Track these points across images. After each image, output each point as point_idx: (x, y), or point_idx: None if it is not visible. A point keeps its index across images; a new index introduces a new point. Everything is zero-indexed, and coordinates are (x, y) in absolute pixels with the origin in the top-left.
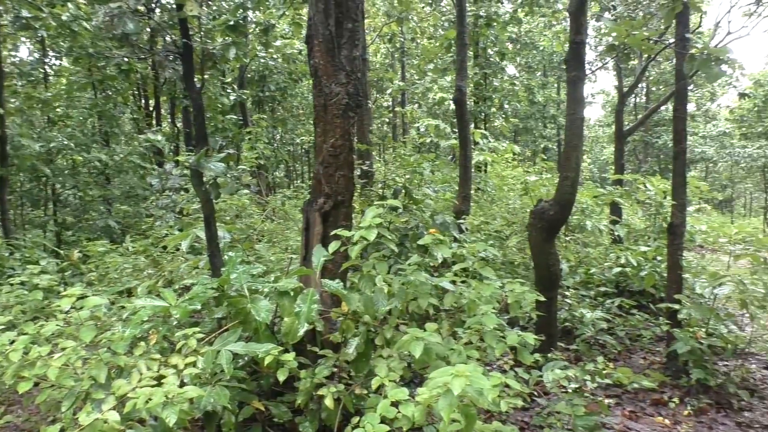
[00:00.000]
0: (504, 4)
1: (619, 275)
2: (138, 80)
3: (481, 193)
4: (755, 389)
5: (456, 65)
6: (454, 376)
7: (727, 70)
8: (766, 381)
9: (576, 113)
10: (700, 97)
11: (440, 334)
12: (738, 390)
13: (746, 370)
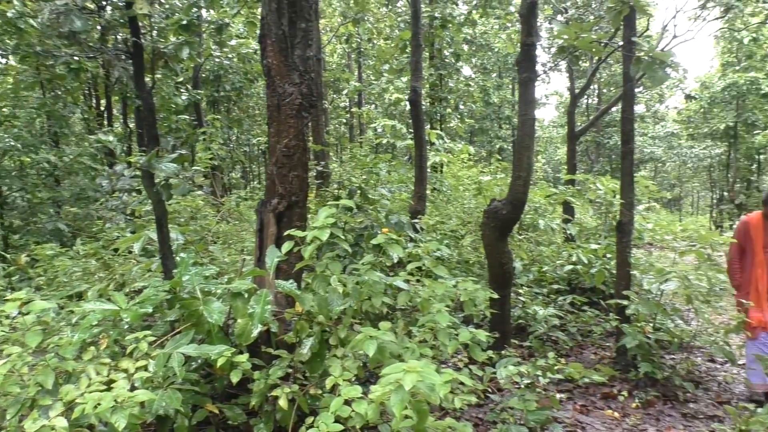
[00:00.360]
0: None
1: (571, 273)
2: (88, 79)
3: (437, 193)
4: (700, 381)
5: (411, 66)
6: (405, 372)
7: (671, 73)
8: (710, 373)
9: (528, 114)
10: (649, 99)
11: (395, 333)
12: (683, 382)
13: (691, 362)
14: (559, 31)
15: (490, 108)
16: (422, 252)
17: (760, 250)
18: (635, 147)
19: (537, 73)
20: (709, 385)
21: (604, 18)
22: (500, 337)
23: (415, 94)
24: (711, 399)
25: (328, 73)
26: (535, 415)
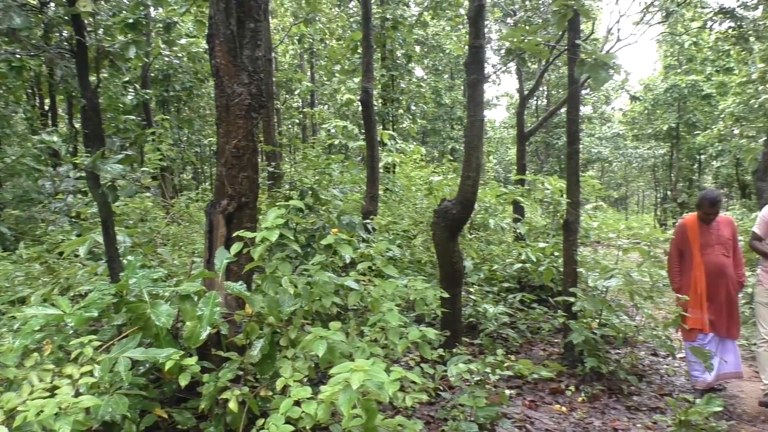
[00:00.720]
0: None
1: (521, 271)
2: (31, 78)
3: (390, 193)
4: (643, 374)
5: (362, 67)
6: (353, 371)
7: (614, 74)
8: (653, 366)
9: (476, 115)
10: (596, 101)
11: (347, 333)
12: (628, 376)
13: (635, 356)
14: (506, 33)
15: (442, 109)
16: (374, 252)
17: (698, 252)
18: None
19: (485, 75)
20: (651, 378)
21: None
22: (451, 336)
23: (366, 94)
24: (653, 391)
25: (280, 73)
26: (485, 412)
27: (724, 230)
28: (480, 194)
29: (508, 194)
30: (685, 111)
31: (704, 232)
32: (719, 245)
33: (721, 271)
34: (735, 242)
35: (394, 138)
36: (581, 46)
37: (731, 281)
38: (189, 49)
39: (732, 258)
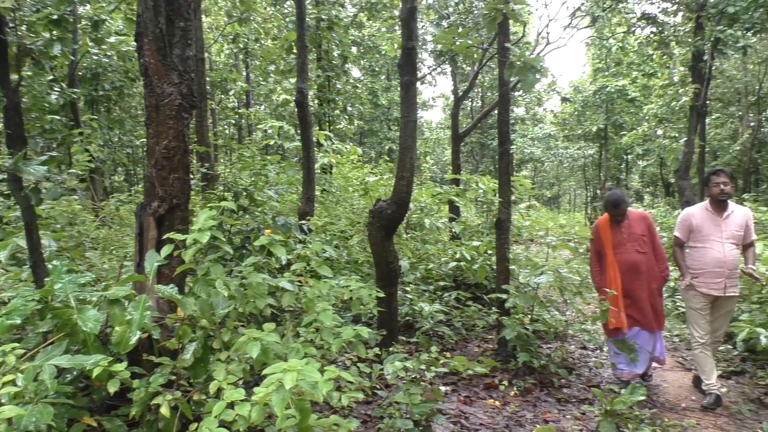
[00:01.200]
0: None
1: (456, 269)
2: None
3: (327, 194)
4: (573, 367)
5: (297, 67)
6: (285, 371)
7: (541, 78)
8: (582, 359)
9: (409, 116)
10: (529, 102)
11: (284, 334)
12: (558, 369)
13: (565, 350)
14: (439, 36)
15: (378, 110)
16: (310, 253)
17: (610, 252)
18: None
19: (418, 77)
20: (581, 370)
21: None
22: (388, 335)
23: (301, 95)
24: (582, 383)
25: (214, 73)
26: (420, 408)
27: (636, 227)
28: (416, 194)
29: (443, 194)
30: (613, 113)
31: (615, 232)
32: (632, 243)
33: (636, 268)
34: (653, 237)
35: (330, 139)
36: (510, 49)
37: (650, 277)
38: (118, 47)
39: (649, 253)
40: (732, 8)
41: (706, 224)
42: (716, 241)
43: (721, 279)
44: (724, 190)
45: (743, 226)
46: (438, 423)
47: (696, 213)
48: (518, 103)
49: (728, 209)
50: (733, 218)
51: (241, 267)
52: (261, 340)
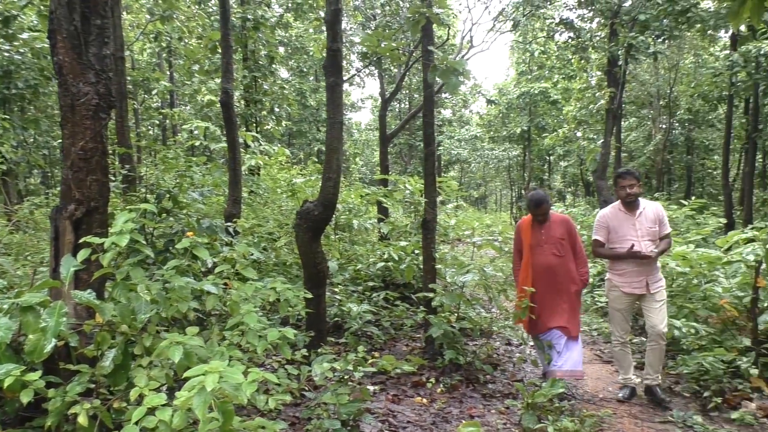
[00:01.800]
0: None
1: (384, 269)
2: None
3: (255, 196)
4: (498, 363)
5: (222, 67)
6: (206, 373)
7: (464, 80)
8: (506, 355)
9: (335, 117)
10: (455, 104)
11: (210, 337)
12: (483, 365)
13: (491, 347)
14: (363, 38)
15: (307, 111)
16: (237, 255)
17: (528, 252)
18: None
19: (345, 78)
20: (506, 366)
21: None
22: (316, 336)
23: (226, 95)
24: (507, 378)
25: (136, 72)
26: (348, 408)
27: (556, 230)
28: (344, 195)
29: (371, 195)
30: (536, 115)
31: (535, 232)
32: (549, 245)
33: (550, 270)
34: (573, 241)
35: (257, 140)
36: (434, 52)
37: (566, 280)
38: (32, 44)
39: (567, 257)
40: (643, 16)
41: (622, 225)
42: (633, 240)
43: (642, 277)
44: (631, 193)
45: (656, 222)
46: (366, 422)
47: (610, 214)
48: (445, 105)
49: (640, 207)
50: (645, 215)
51: (163, 270)
52: (184, 344)
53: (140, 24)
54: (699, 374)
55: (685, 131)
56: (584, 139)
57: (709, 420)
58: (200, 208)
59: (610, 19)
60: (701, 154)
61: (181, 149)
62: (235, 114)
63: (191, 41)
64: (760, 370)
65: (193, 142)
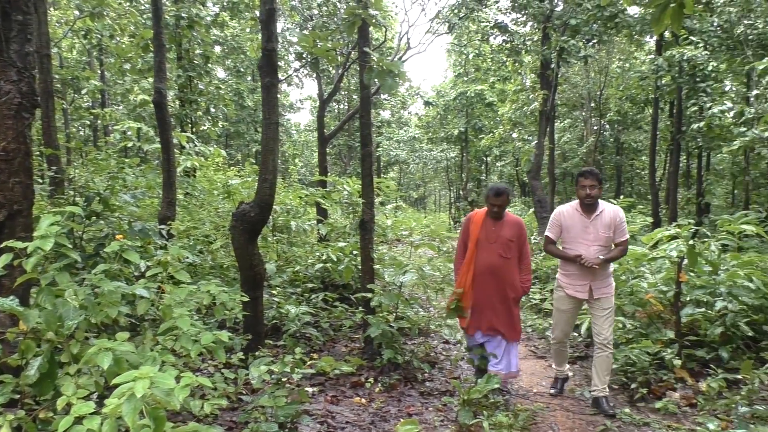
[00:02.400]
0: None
1: (323, 271)
2: None
3: (190, 198)
4: (436, 361)
5: (154, 66)
6: (136, 378)
7: (400, 82)
8: (444, 353)
9: (271, 118)
10: (394, 105)
11: (143, 343)
12: (422, 364)
13: (429, 345)
14: (299, 38)
15: (245, 111)
16: (171, 258)
17: (473, 247)
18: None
19: (283, 78)
20: (443, 364)
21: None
22: (254, 339)
23: (159, 95)
24: (444, 376)
25: (64, 71)
26: (285, 410)
27: (507, 230)
28: (283, 197)
29: (309, 196)
30: (473, 116)
31: (486, 228)
32: (497, 244)
33: (493, 271)
34: (521, 244)
35: (192, 141)
36: (369, 53)
37: (507, 284)
38: None
39: (513, 260)
40: (574, 21)
41: (575, 225)
42: (582, 244)
43: (585, 282)
44: (590, 194)
45: (612, 227)
46: (304, 424)
47: (566, 212)
48: (384, 106)
49: (597, 210)
50: (601, 219)
51: (91, 275)
52: (113, 351)
53: (69, 21)
54: (627, 367)
55: (615, 133)
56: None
57: (636, 410)
58: (133, 211)
59: (542, 23)
60: (630, 155)
61: (113, 150)
62: (169, 114)
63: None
64: (683, 361)
65: (126, 143)
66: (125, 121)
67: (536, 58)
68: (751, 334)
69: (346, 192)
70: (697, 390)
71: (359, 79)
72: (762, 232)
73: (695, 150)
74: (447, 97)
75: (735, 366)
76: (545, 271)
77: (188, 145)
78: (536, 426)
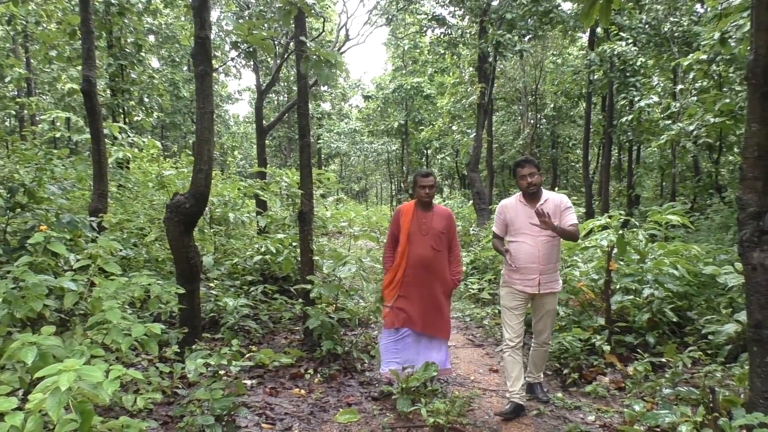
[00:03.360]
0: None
1: (262, 263)
2: None
3: (124, 190)
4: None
5: (83, 54)
6: (60, 371)
7: (337, 72)
8: None
9: (205, 107)
10: (335, 97)
11: (72, 338)
12: (361, 354)
13: (368, 336)
14: (234, 27)
15: (181, 102)
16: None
17: (405, 240)
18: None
19: (215, 67)
20: None
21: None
22: (190, 332)
23: (88, 84)
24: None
25: None
26: (222, 403)
27: (438, 222)
28: (221, 188)
29: (248, 188)
30: (412, 109)
31: (416, 220)
32: (429, 236)
33: (425, 264)
34: (451, 236)
35: (125, 131)
36: (305, 43)
37: (438, 278)
38: None
39: (444, 253)
40: (510, 15)
41: (519, 217)
42: (528, 235)
43: (534, 275)
44: (532, 183)
45: (556, 215)
46: (242, 416)
47: (509, 205)
48: (324, 98)
49: (541, 199)
50: (545, 209)
51: (13, 267)
52: (38, 345)
53: None
54: (560, 353)
55: (551, 126)
56: (458, 132)
57: (568, 395)
58: (62, 203)
59: (479, 17)
60: (565, 149)
61: (41, 141)
62: (99, 103)
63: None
64: (612, 347)
65: (55, 133)
66: (53, 111)
67: (474, 51)
68: (676, 319)
69: (285, 183)
70: (625, 374)
71: (297, 69)
72: (687, 222)
73: (626, 144)
74: (386, 90)
75: (661, 351)
76: (483, 262)
77: (121, 135)
78: (472, 412)
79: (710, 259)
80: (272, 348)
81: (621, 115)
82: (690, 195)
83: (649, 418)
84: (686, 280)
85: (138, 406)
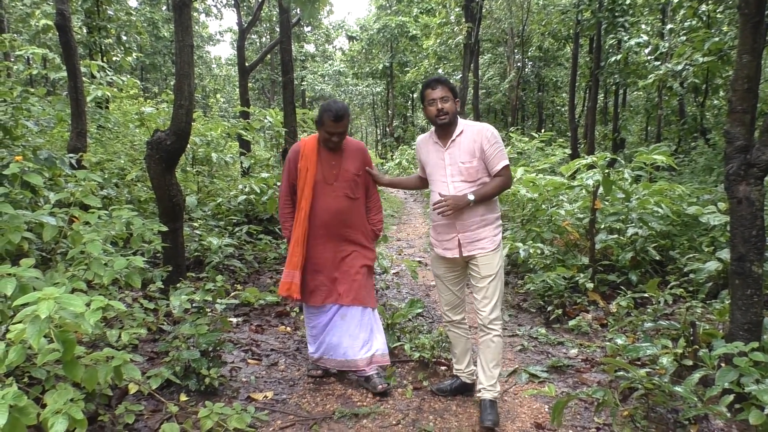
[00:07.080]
0: None
1: (246, 203)
2: None
3: (104, 130)
4: None
5: None
6: (40, 300)
7: (320, 7)
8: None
9: (185, 41)
10: (318, 39)
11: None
12: None
13: None
14: None
15: (160, 43)
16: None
17: (309, 191)
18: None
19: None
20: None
21: None
22: (175, 271)
23: (62, 18)
24: None
25: None
26: (207, 338)
27: (351, 163)
28: (203, 129)
29: (231, 128)
30: (397, 51)
31: (323, 162)
32: (341, 182)
33: (341, 218)
34: (367, 179)
35: (104, 69)
36: None
37: (356, 233)
38: None
39: (361, 200)
40: None
41: (431, 157)
42: (440, 182)
43: (452, 234)
44: (443, 109)
45: (475, 153)
46: (228, 351)
47: (421, 142)
48: (308, 39)
49: (454, 134)
50: (459, 145)
51: None
52: (18, 277)
53: None
54: (544, 291)
55: (537, 69)
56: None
57: (552, 331)
58: (39, 142)
59: None
60: (551, 92)
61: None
62: (75, 39)
63: None
64: (595, 285)
65: (31, 71)
66: (27, 47)
67: None
68: (659, 258)
69: (268, 122)
70: (608, 311)
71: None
72: (672, 162)
73: (612, 87)
74: (371, 30)
75: (643, 289)
76: None
77: (99, 74)
78: None
79: (694, 199)
80: (257, 287)
81: (608, 55)
82: (675, 138)
83: (631, 351)
84: (670, 220)
85: (123, 341)
